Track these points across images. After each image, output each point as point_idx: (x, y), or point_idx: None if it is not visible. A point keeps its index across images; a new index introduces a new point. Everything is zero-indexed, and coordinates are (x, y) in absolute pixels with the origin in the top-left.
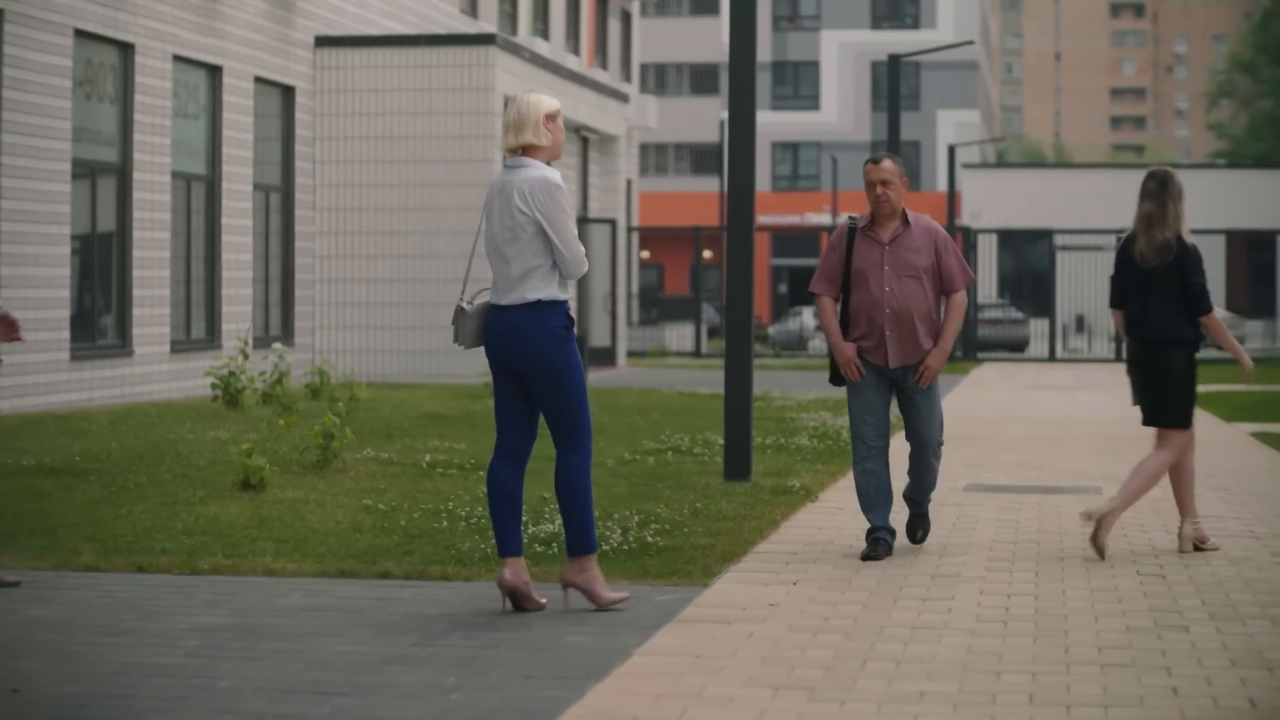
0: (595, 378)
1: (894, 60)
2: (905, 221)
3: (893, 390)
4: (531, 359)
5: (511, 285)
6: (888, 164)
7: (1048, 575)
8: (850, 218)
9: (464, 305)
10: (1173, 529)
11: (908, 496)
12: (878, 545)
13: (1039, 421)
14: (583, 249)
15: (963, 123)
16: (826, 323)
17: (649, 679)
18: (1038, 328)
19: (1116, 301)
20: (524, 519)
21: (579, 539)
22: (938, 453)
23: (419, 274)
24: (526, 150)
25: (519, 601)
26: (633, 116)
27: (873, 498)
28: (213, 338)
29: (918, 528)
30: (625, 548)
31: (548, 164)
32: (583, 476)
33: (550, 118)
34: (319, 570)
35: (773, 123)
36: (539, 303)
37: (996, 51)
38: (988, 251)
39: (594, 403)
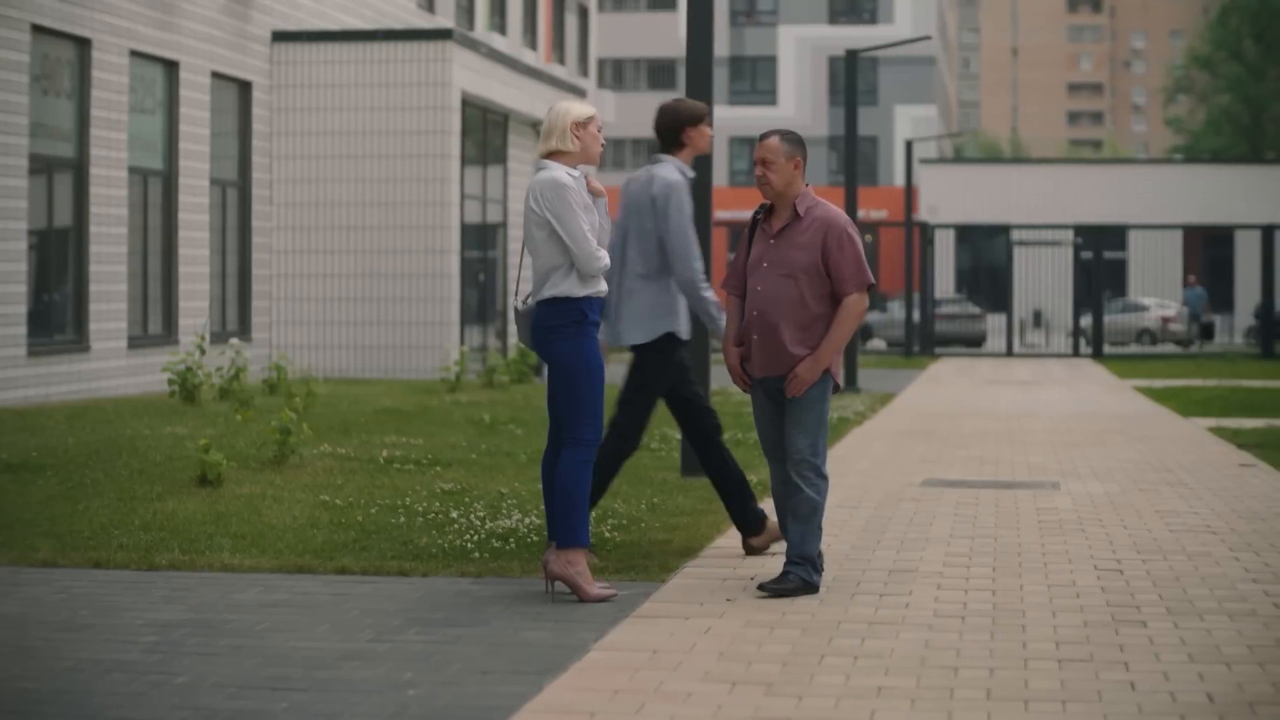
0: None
1: (851, 55)
2: (796, 212)
3: None
4: (546, 352)
5: (540, 283)
6: (771, 141)
7: (1005, 571)
8: (761, 206)
9: (518, 305)
10: (1130, 524)
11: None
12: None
13: (996, 416)
14: (592, 244)
15: (920, 118)
16: (727, 325)
17: (606, 674)
18: (995, 323)
19: None
20: (482, 514)
21: (562, 531)
22: (807, 475)
23: (376, 269)
24: (554, 156)
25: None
26: None
27: (782, 515)
28: (170, 333)
29: (778, 581)
30: None
31: (575, 166)
32: (575, 470)
33: (580, 124)
34: (276, 566)
35: (730, 118)
36: (555, 299)
37: (954, 47)
38: (945, 247)
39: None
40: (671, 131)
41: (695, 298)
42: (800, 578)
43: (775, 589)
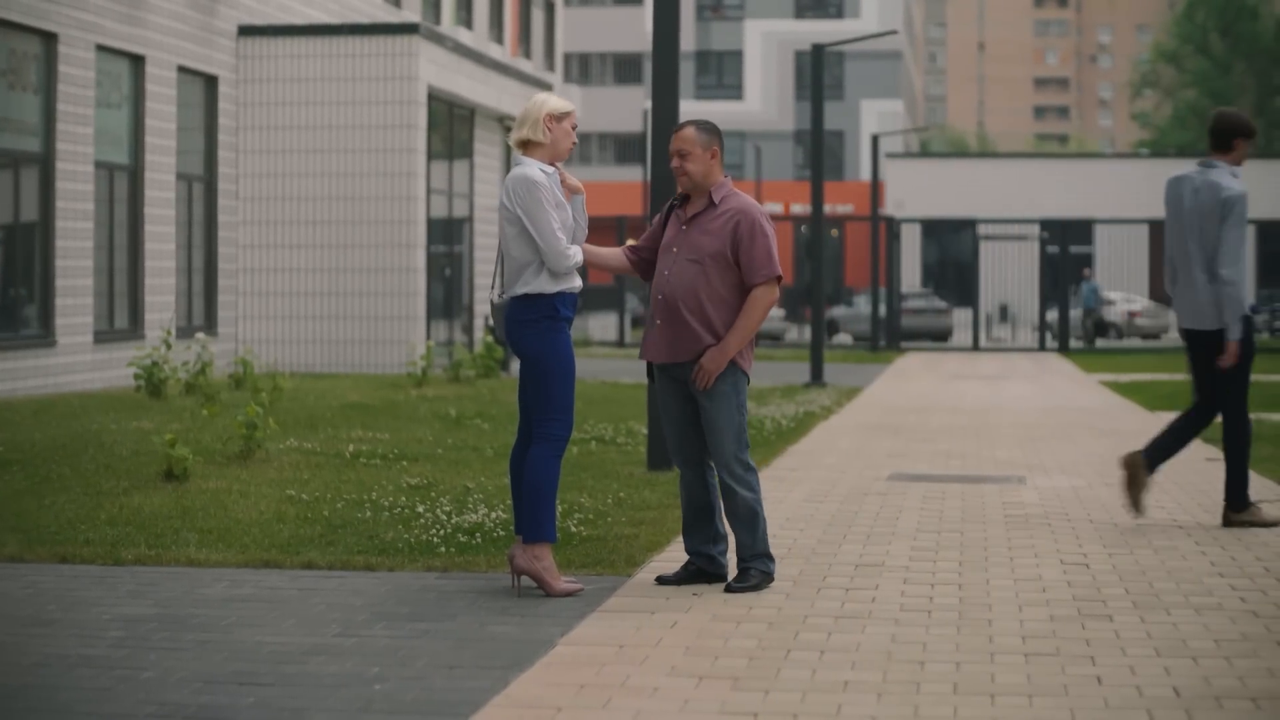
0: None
1: (817, 50)
2: (712, 200)
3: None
4: (520, 348)
5: (513, 279)
6: (687, 132)
7: (971, 565)
8: (679, 195)
9: (494, 299)
10: (1096, 518)
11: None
12: (685, 567)
13: (962, 411)
14: (561, 243)
15: (886, 112)
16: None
17: (573, 669)
18: (961, 317)
19: None
20: (448, 509)
21: (530, 526)
22: (738, 474)
23: (342, 264)
24: (526, 147)
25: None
26: None
27: (686, 516)
28: (136, 328)
29: (741, 579)
30: None
31: (550, 162)
32: (544, 465)
33: (555, 118)
34: (242, 560)
35: (696, 112)
36: (527, 295)
37: (920, 41)
38: (911, 241)
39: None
40: (1226, 136)
41: (1227, 294)
42: (760, 571)
43: (741, 587)
